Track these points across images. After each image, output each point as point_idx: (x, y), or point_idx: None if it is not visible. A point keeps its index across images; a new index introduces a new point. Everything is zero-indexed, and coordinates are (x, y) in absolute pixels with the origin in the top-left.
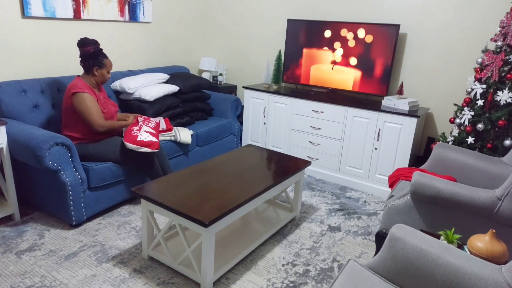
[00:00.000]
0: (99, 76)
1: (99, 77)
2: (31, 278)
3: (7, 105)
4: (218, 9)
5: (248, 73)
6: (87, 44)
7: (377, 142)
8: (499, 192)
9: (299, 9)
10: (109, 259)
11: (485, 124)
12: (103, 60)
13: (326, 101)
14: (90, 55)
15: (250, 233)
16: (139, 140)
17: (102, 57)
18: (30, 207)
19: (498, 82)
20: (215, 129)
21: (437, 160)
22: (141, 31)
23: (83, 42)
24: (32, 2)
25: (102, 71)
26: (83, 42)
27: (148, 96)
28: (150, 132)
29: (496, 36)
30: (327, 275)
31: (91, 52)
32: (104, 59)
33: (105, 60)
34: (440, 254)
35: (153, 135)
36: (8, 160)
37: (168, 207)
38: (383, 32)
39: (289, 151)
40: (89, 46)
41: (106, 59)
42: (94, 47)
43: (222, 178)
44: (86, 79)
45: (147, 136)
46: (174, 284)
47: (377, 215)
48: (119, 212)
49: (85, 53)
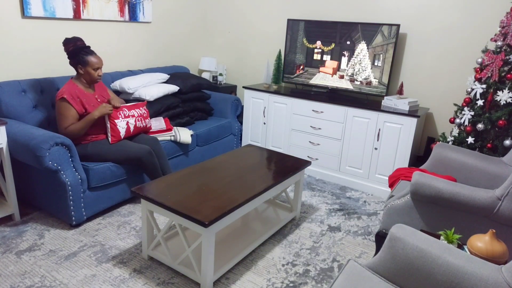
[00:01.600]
0: (85, 74)
1: (86, 75)
2: (31, 278)
3: (7, 105)
4: (218, 9)
5: (248, 73)
6: (67, 43)
7: (377, 142)
8: (499, 192)
9: (299, 9)
10: (109, 259)
11: (485, 124)
12: (85, 57)
13: (326, 101)
14: (70, 53)
15: (250, 233)
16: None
17: (83, 55)
18: (30, 207)
19: (498, 82)
20: (215, 129)
21: (437, 160)
22: (141, 31)
23: (64, 42)
24: (32, 2)
25: (87, 68)
26: (64, 41)
27: (148, 96)
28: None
29: (496, 36)
30: (327, 275)
31: (70, 51)
32: (85, 56)
33: (87, 57)
34: (440, 254)
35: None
36: (8, 160)
37: (168, 207)
38: (383, 32)
39: (289, 151)
40: (69, 44)
41: (89, 56)
42: (73, 45)
43: (222, 178)
44: (77, 80)
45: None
46: (174, 284)
47: (377, 215)
48: (119, 212)
49: (67, 52)
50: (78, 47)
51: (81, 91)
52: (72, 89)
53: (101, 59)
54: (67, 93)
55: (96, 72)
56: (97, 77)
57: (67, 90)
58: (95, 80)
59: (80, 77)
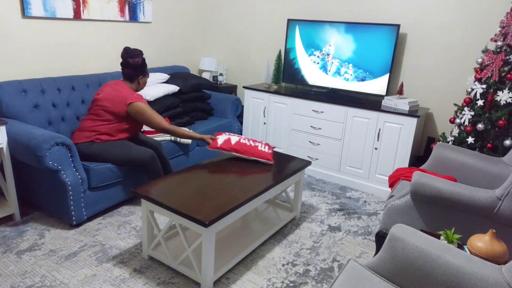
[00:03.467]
0: (142, 84)
1: (142, 85)
2: (31, 278)
3: (7, 105)
4: (218, 9)
5: (248, 73)
6: (135, 56)
7: (377, 142)
8: (499, 192)
9: (299, 9)
10: (109, 259)
11: (485, 124)
12: (146, 68)
13: (326, 101)
14: (139, 66)
15: (250, 233)
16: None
17: (146, 67)
18: (30, 207)
19: (498, 82)
20: (215, 129)
21: (437, 160)
22: (141, 31)
23: (131, 54)
24: (32, 2)
25: (145, 79)
26: (131, 53)
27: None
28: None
29: (496, 36)
30: (327, 275)
31: (140, 64)
32: (147, 68)
33: (147, 69)
34: (440, 254)
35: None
36: (8, 160)
37: (168, 207)
38: (383, 32)
39: (289, 151)
40: (138, 58)
41: (147, 68)
42: (142, 59)
43: (222, 178)
44: (130, 86)
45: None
46: (174, 284)
47: (377, 215)
48: (119, 212)
49: (134, 64)
50: (144, 59)
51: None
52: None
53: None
54: (138, 96)
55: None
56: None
57: (138, 95)
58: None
59: (134, 85)
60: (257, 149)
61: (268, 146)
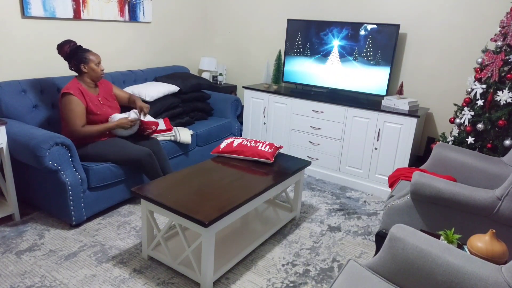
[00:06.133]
0: (89, 72)
1: (91, 72)
2: (31, 278)
3: (7, 105)
4: (218, 9)
5: (248, 73)
6: (62, 46)
7: (377, 142)
8: (499, 192)
9: (299, 9)
10: (109, 259)
11: (485, 124)
12: (84, 54)
13: (326, 101)
14: (69, 54)
15: (250, 233)
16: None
17: (82, 52)
18: (30, 207)
19: (498, 82)
20: (215, 129)
21: (437, 160)
22: (141, 31)
23: (59, 46)
24: (32, 2)
25: (90, 65)
26: (58, 45)
27: (148, 96)
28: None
29: (496, 36)
30: (327, 275)
31: (68, 52)
32: (85, 53)
33: (86, 54)
34: (440, 254)
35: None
36: (8, 160)
37: (168, 207)
38: (383, 32)
39: (289, 151)
40: (65, 46)
41: (88, 53)
42: (69, 45)
43: (222, 178)
44: (81, 80)
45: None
46: (174, 284)
47: (377, 215)
48: (119, 212)
49: (65, 55)
50: (74, 47)
51: (85, 90)
52: (77, 86)
53: (98, 54)
54: (72, 88)
55: (99, 67)
56: (101, 72)
57: (72, 86)
58: (100, 76)
59: (84, 76)
60: (257, 149)
61: (270, 146)
